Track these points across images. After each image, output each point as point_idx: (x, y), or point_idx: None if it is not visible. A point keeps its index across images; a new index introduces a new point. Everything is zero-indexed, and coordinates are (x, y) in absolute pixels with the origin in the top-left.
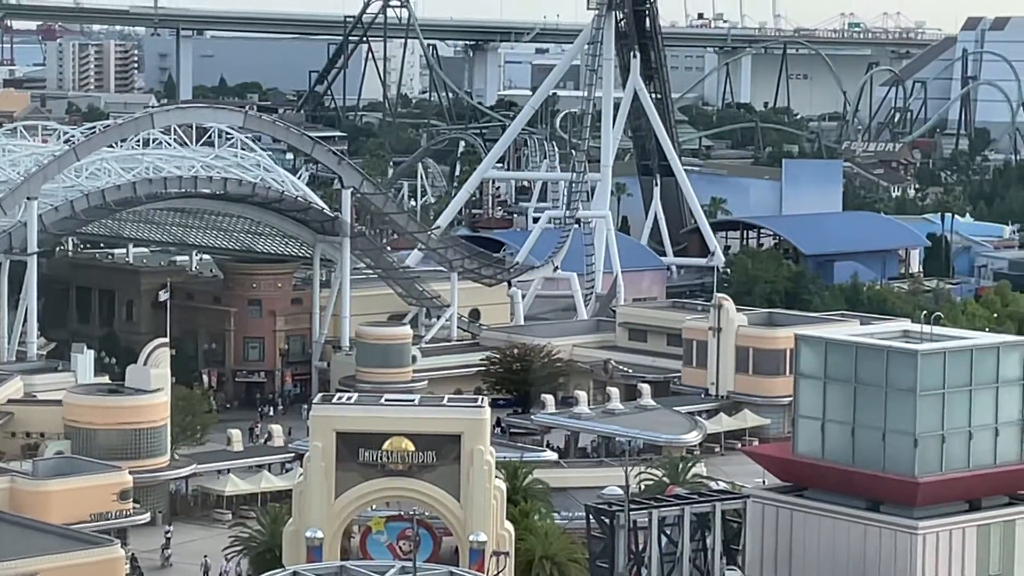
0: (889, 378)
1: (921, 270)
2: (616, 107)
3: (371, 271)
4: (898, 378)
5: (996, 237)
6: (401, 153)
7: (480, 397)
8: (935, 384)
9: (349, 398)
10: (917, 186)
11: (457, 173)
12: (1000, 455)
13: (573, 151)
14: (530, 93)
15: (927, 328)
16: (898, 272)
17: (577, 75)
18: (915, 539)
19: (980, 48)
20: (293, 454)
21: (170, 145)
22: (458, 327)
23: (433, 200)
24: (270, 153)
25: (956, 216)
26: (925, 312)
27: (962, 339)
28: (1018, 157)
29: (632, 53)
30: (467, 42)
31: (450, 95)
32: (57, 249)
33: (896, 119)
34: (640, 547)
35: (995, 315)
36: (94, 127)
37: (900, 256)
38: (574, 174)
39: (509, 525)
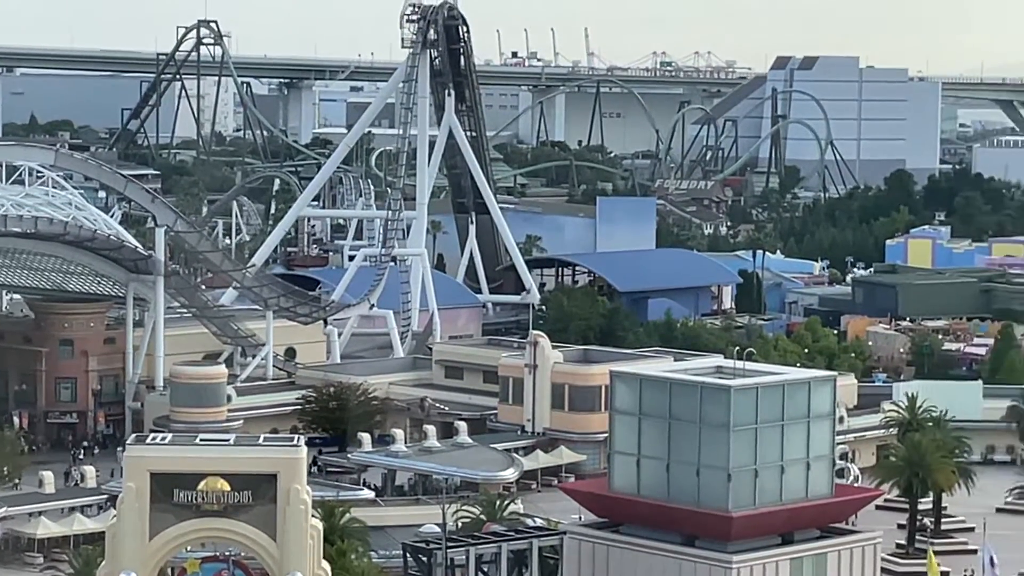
0: (703, 414)
1: (733, 306)
2: (431, 145)
3: (185, 310)
4: (711, 413)
5: (806, 273)
6: (215, 191)
7: (296, 436)
8: (748, 419)
9: (163, 438)
10: (729, 223)
11: (272, 211)
12: (812, 489)
13: (388, 189)
14: (345, 131)
15: (740, 364)
16: (711, 308)
17: (392, 113)
18: (729, 573)
19: (789, 87)
20: (107, 496)
21: None
22: (274, 366)
23: (248, 238)
24: (82, 191)
25: (767, 253)
26: (737, 348)
27: (774, 374)
28: (827, 195)
29: (447, 91)
30: (281, 80)
31: (265, 133)
32: None
33: (708, 157)
34: None
35: (806, 350)
36: None
37: (713, 292)
38: (389, 212)
39: (326, 565)
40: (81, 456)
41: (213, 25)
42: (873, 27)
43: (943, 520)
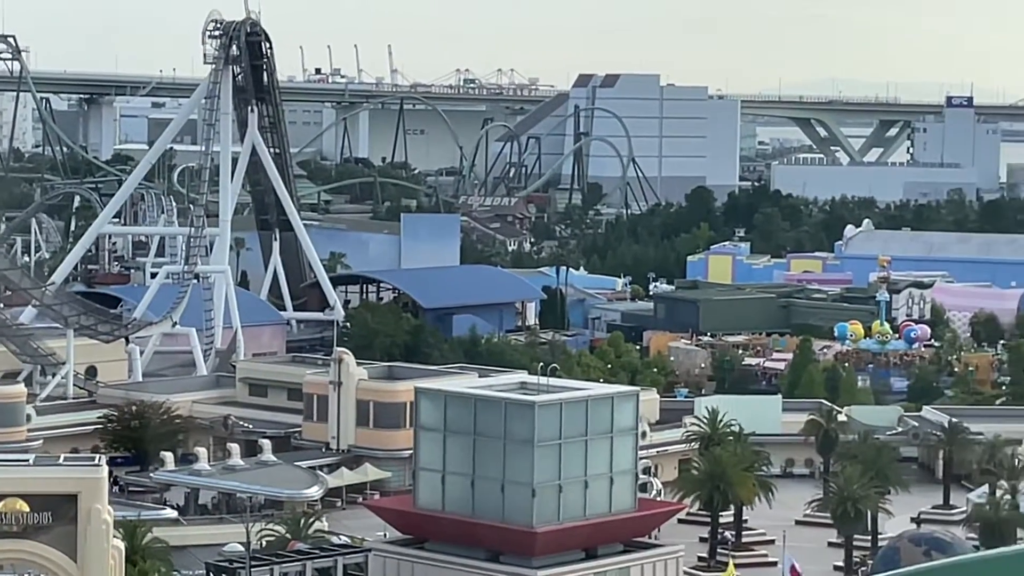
0: (507, 430)
1: (537, 322)
2: (234, 161)
3: None
4: (516, 429)
5: (609, 289)
6: (14, 208)
7: (97, 456)
8: (552, 435)
9: None
10: (533, 240)
11: (72, 228)
12: (615, 503)
13: (191, 205)
14: (147, 147)
15: (543, 380)
16: (515, 324)
17: (195, 129)
18: None
19: (592, 105)
20: None
21: None
22: (74, 385)
23: (48, 256)
24: None
25: (571, 269)
26: (541, 364)
27: (577, 390)
28: (629, 211)
29: (250, 107)
30: (81, 95)
31: (64, 149)
32: None
33: (511, 174)
34: None
35: (609, 366)
36: None
37: (517, 309)
38: (192, 229)
39: None
40: None
41: (11, 40)
42: (673, 45)
43: (744, 533)
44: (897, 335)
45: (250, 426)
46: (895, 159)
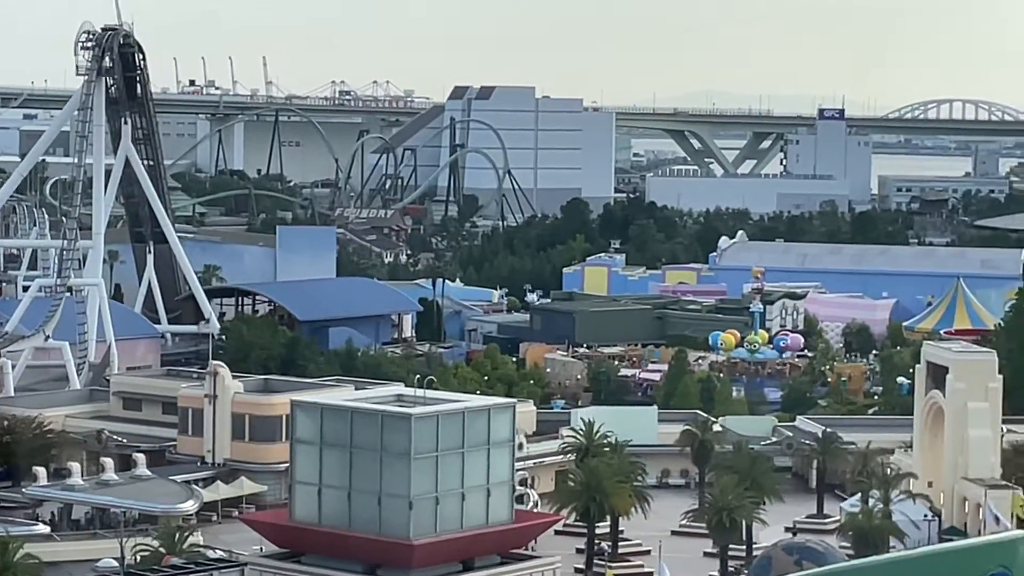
0: (384, 442)
1: (414, 334)
2: (107, 174)
3: None
4: (393, 442)
5: (485, 301)
6: None
7: None
8: (429, 447)
9: None
10: (409, 252)
11: None
12: (492, 515)
13: (64, 218)
14: (18, 159)
15: (420, 392)
16: (391, 337)
17: (67, 141)
18: None
19: (467, 117)
20: None
21: None
22: None
23: None
24: None
25: (447, 281)
26: (418, 376)
27: (454, 402)
28: (505, 223)
29: (123, 119)
30: None
31: None
32: None
33: (387, 186)
34: None
35: (485, 377)
36: None
37: (393, 321)
38: (65, 241)
39: None
40: None
41: None
42: (549, 58)
43: (620, 543)
44: (769, 344)
45: (124, 440)
46: (768, 171)
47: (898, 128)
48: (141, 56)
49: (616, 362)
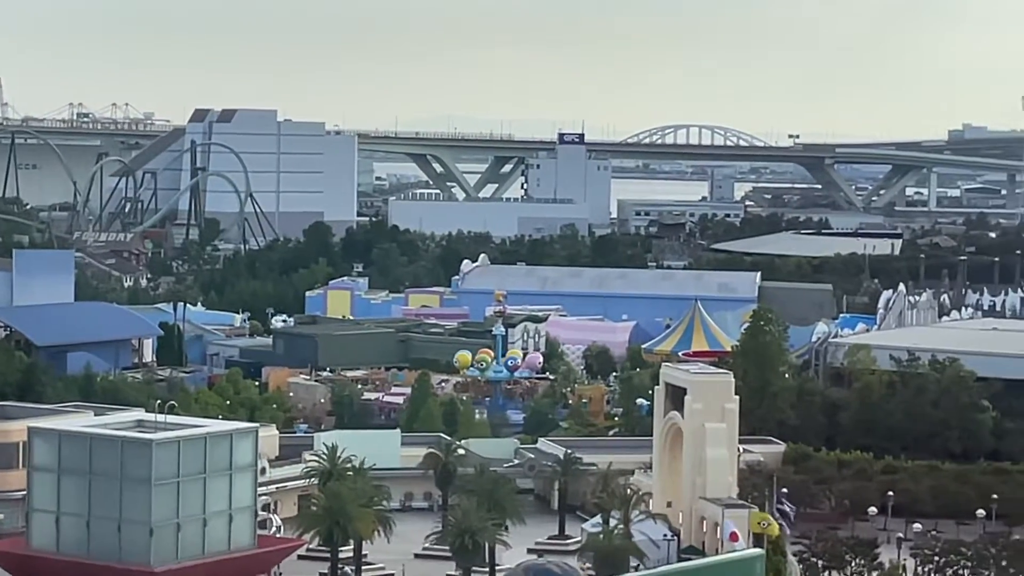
0: (124, 468)
1: (155, 359)
2: None
3: None
4: (133, 468)
5: (227, 325)
6: None
7: None
8: (170, 473)
9: None
10: (149, 276)
11: None
12: (234, 541)
13: None
14: None
15: (161, 417)
16: (132, 362)
17: None
18: None
19: (208, 140)
20: None
21: None
22: None
23: None
24: None
25: (188, 305)
26: (159, 401)
27: (196, 427)
28: (247, 247)
29: None
30: None
31: None
32: None
33: (127, 209)
34: None
35: (228, 402)
36: None
37: (134, 346)
38: None
39: None
40: None
41: None
42: (291, 81)
43: (364, 567)
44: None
45: None
46: (510, 195)
47: (636, 153)
48: None
49: (359, 386)
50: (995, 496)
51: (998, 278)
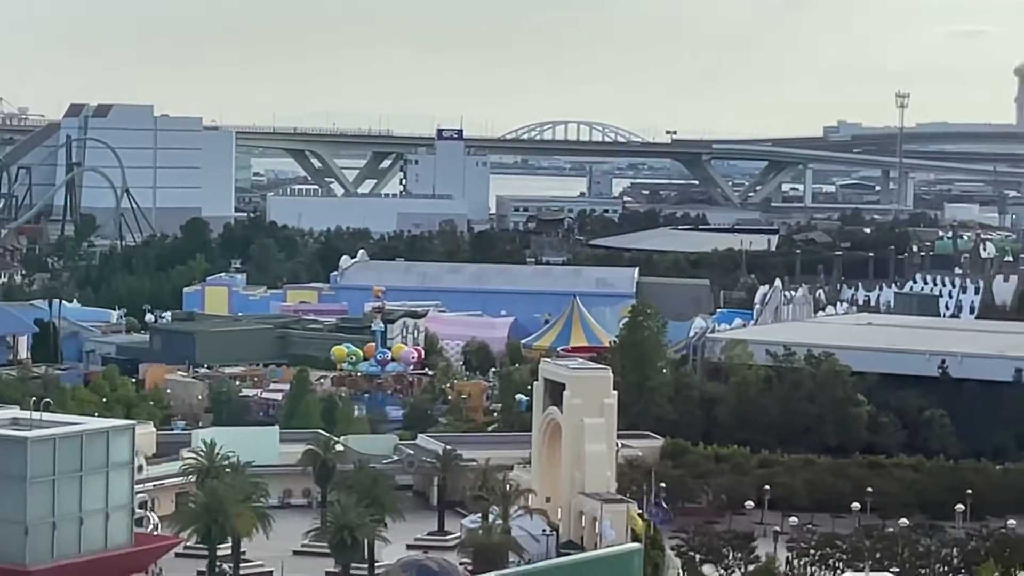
0: None
1: (29, 356)
2: None
3: None
4: (7, 466)
5: (104, 322)
6: None
7: None
8: (45, 471)
9: None
10: (24, 272)
11: None
12: (111, 539)
13: None
14: None
15: (36, 415)
16: (6, 359)
17: None
18: None
19: (84, 135)
20: None
21: None
22: None
23: None
24: None
25: (64, 302)
26: (34, 398)
27: (71, 425)
28: (124, 243)
29: None
30: None
31: None
32: None
33: (1, 205)
34: None
35: (104, 400)
36: None
37: (8, 343)
38: None
39: None
40: None
41: None
42: (167, 76)
43: (242, 565)
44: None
45: None
46: (389, 191)
47: (515, 149)
48: None
49: (237, 382)
50: (870, 489)
51: (873, 273)
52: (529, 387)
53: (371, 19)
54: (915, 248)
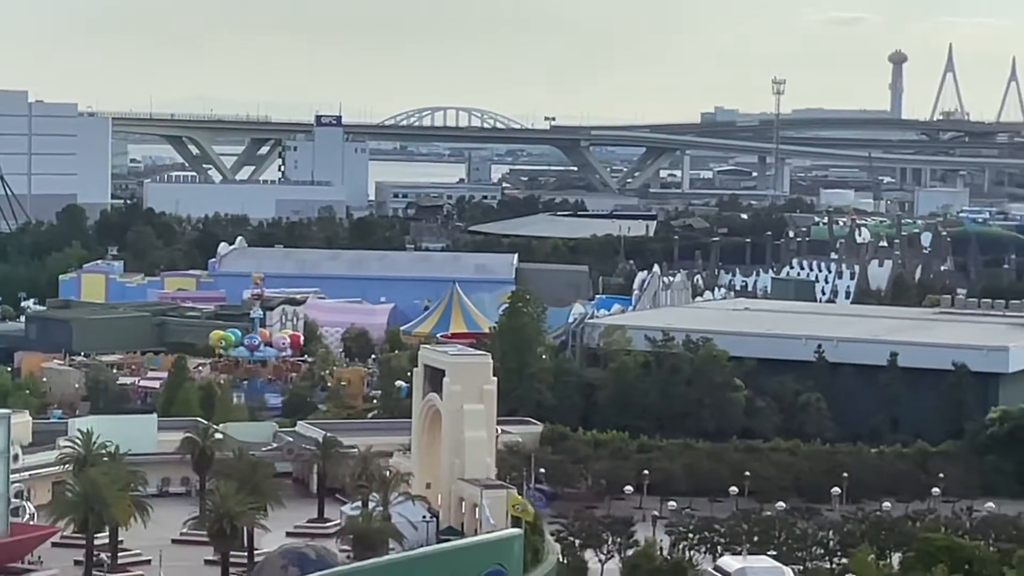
0: None
1: None
2: None
3: None
4: None
5: None
6: None
7: None
8: None
9: None
10: None
11: None
12: None
13: None
14: None
15: None
16: None
17: None
18: None
19: None
20: None
21: None
22: None
23: None
24: None
25: None
26: None
27: None
28: None
29: None
30: None
31: None
32: None
33: None
34: None
35: None
36: None
37: None
38: None
39: None
40: None
41: None
42: (42, 61)
43: (120, 554)
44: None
45: None
46: (267, 177)
47: (394, 135)
48: None
49: (115, 370)
50: (747, 473)
51: (750, 259)
52: (409, 374)
53: (249, 4)
54: (791, 234)
